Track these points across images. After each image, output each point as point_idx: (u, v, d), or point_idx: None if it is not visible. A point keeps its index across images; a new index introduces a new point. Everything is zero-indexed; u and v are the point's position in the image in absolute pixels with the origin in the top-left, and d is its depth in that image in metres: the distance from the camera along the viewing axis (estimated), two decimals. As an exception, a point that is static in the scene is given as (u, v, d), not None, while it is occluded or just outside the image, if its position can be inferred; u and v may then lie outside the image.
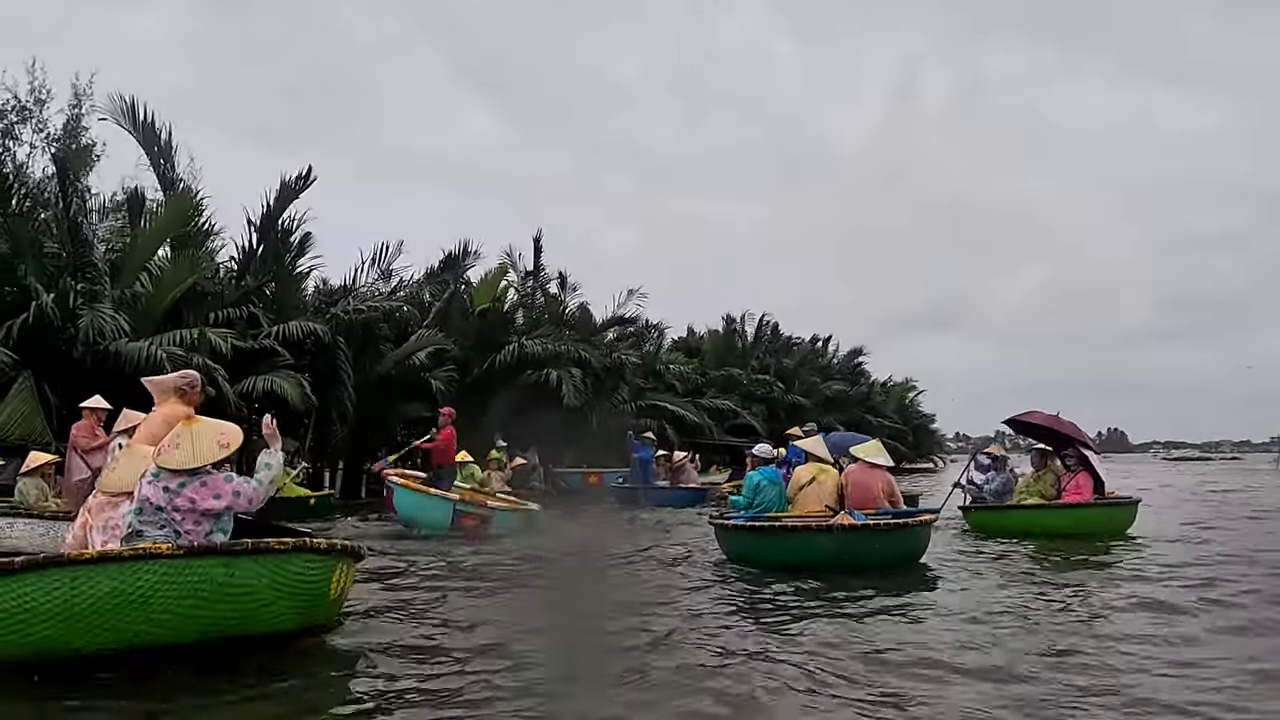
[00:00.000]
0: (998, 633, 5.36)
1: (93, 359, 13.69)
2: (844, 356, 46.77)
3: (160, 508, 4.59)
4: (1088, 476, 10.79)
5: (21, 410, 12.82)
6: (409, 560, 8.76)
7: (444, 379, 19.03)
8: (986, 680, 4.30)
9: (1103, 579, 7.68)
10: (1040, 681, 4.26)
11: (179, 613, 4.27)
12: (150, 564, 4.22)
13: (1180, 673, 4.45)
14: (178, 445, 4.72)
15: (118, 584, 4.13)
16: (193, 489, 4.64)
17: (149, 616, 4.19)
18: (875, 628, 5.57)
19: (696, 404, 28.78)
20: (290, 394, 15.31)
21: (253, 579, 4.49)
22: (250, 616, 4.50)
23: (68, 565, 4.11)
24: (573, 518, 14.17)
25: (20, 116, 20.21)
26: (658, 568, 8.60)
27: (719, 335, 37.76)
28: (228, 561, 4.44)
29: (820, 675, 4.42)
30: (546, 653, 4.98)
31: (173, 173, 18.17)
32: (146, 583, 4.19)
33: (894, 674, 4.44)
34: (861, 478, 8.74)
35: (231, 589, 4.42)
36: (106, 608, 4.10)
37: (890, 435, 45.06)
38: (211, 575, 4.37)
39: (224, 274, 18.17)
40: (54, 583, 4.03)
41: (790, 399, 35.96)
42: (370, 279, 20.94)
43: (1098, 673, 4.44)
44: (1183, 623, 5.68)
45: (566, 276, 26.38)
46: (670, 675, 4.45)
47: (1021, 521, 10.76)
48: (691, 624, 5.71)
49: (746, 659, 4.78)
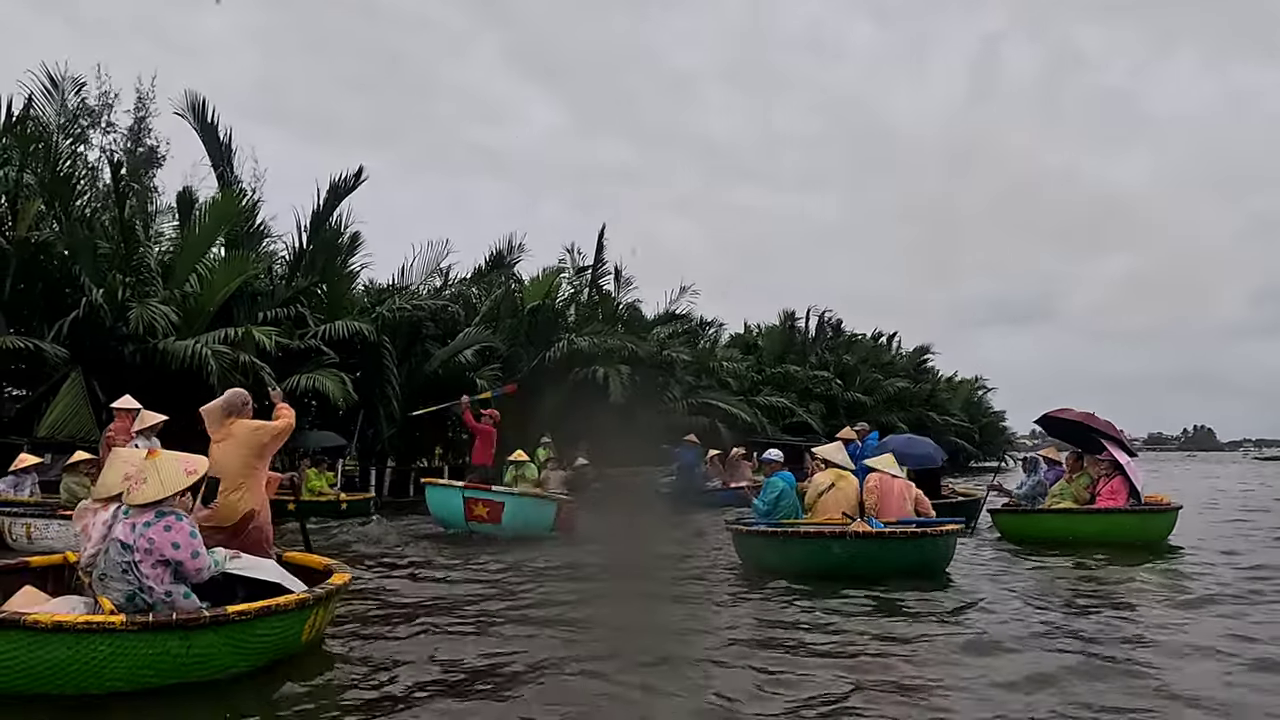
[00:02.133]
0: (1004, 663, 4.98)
1: (142, 357, 13.99)
2: (910, 353, 45.70)
3: (127, 545, 4.54)
4: (1123, 481, 10.25)
5: (72, 408, 13.15)
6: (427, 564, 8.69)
7: (489, 377, 18.98)
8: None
9: (1118, 592, 7.25)
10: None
11: (133, 679, 4.28)
12: (104, 637, 4.20)
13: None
14: (144, 480, 4.67)
15: (73, 653, 4.15)
16: (155, 530, 4.54)
17: (103, 682, 4.22)
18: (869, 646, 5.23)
19: (751, 401, 28.30)
20: (333, 391, 15.44)
21: (212, 648, 4.45)
22: (211, 675, 4.46)
23: (26, 629, 4.13)
24: (609, 521, 13.96)
25: (91, 121, 20.84)
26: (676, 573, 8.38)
27: (777, 331, 37.17)
28: (184, 635, 4.37)
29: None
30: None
31: (231, 173, 18.54)
32: (100, 654, 4.19)
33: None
34: (886, 485, 8.37)
35: (189, 658, 4.38)
36: (64, 669, 4.16)
37: (956, 434, 43.99)
38: (168, 648, 4.33)
39: (275, 274, 18.45)
40: (15, 642, 4.11)
41: (850, 396, 35.20)
42: (420, 277, 21.12)
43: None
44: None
45: (622, 271, 26.23)
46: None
47: (1051, 527, 10.39)
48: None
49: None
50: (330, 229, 18.31)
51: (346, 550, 10.09)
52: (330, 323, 16.89)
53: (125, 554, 4.51)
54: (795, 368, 33.77)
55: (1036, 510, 10.99)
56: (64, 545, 8.62)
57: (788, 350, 35.83)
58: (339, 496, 15.08)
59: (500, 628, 5.81)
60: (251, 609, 4.58)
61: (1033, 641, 5.39)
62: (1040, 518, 10.72)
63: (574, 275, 24.82)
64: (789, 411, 30.13)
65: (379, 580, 7.80)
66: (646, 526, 14.31)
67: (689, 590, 7.45)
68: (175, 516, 4.62)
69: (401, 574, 8.28)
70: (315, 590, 5.08)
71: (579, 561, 9.09)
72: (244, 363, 14.07)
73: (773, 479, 8.99)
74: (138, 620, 4.29)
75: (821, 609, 6.34)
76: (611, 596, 7.37)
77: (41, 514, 9.59)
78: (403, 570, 8.54)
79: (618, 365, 21.59)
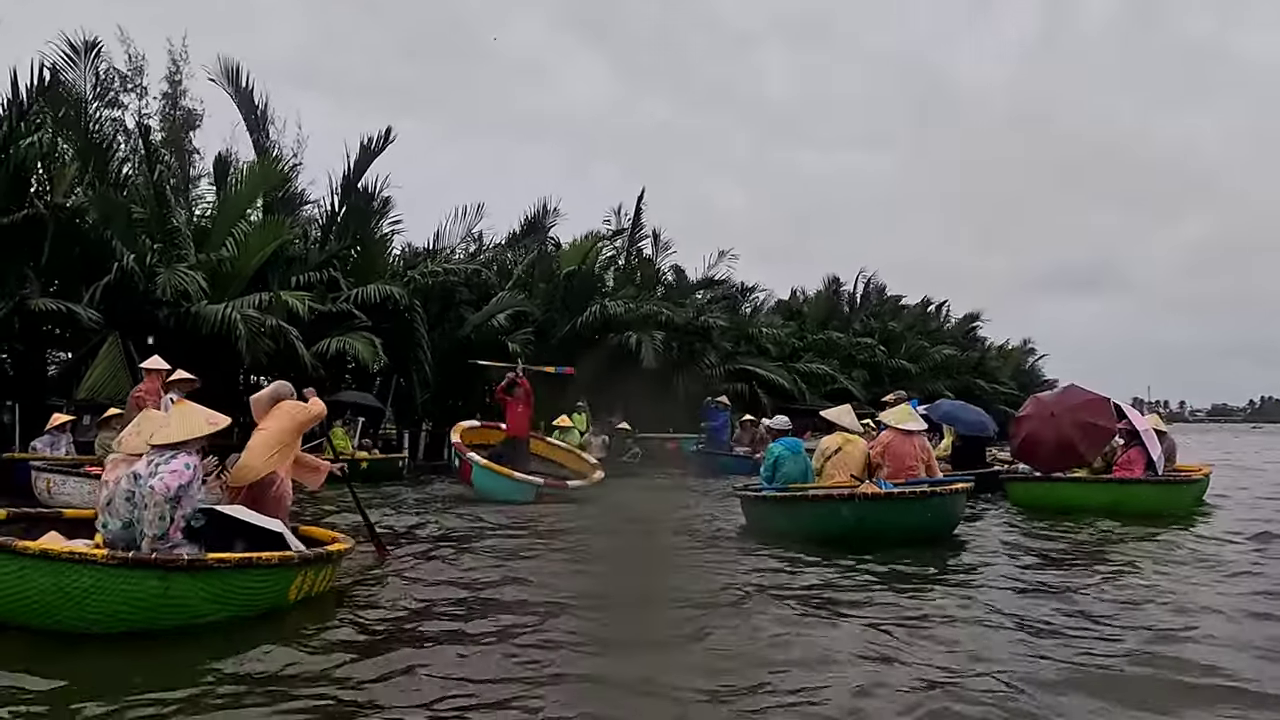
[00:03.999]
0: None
1: (175, 320, 14.22)
2: (959, 320, 44.72)
3: (139, 476, 4.76)
4: (1140, 452, 9.87)
5: (110, 370, 13.42)
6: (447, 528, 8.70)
7: (521, 342, 18.98)
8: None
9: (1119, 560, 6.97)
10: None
11: (112, 617, 4.33)
12: (86, 569, 4.27)
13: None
14: (168, 423, 4.94)
15: (55, 581, 4.23)
16: (170, 466, 4.70)
17: (83, 616, 4.28)
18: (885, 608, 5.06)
19: (790, 368, 27.96)
20: (364, 354, 15.56)
21: (190, 593, 4.51)
22: (186, 620, 4.51)
23: (13, 553, 4.22)
24: (631, 487, 13.93)
25: (123, 85, 20.96)
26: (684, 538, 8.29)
27: (822, 297, 36.63)
28: (163, 576, 4.42)
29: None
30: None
31: (266, 139, 18.66)
32: (82, 586, 4.26)
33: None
34: (897, 446, 8.20)
35: (167, 601, 4.44)
36: (46, 599, 4.23)
37: (1004, 402, 42.98)
38: (146, 587, 4.39)
39: (310, 238, 18.59)
40: (5, 566, 4.21)
41: (895, 363, 34.59)
42: (456, 242, 21.13)
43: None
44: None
45: (660, 235, 26.00)
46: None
47: (1061, 496, 10.11)
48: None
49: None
50: (362, 192, 18.37)
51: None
52: (362, 286, 16.98)
53: (135, 484, 4.76)
54: (838, 334, 33.26)
55: (1047, 479, 10.68)
56: (80, 500, 8.85)
57: (831, 316, 35.32)
58: (355, 454, 15.07)
59: (495, 587, 5.78)
60: (231, 559, 4.64)
61: (1025, 603, 5.30)
62: (1052, 486, 10.45)
63: (612, 239, 24.58)
64: (830, 378, 29.68)
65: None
66: (662, 492, 14.22)
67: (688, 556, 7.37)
68: (187, 459, 4.81)
69: (419, 539, 8.27)
70: (303, 551, 5.12)
71: (581, 526, 9.12)
72: (271, 327, 14.21)
73: (771, 446, 8.85)
74: (119, 556, 4.40)
75: (822, 571, 6.25)
76: (610, 563, 7.32)
77: (59, 469, 9.85)
78: (421, 535, 8.54)
79: (651, 331, 21.43)
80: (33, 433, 12.63)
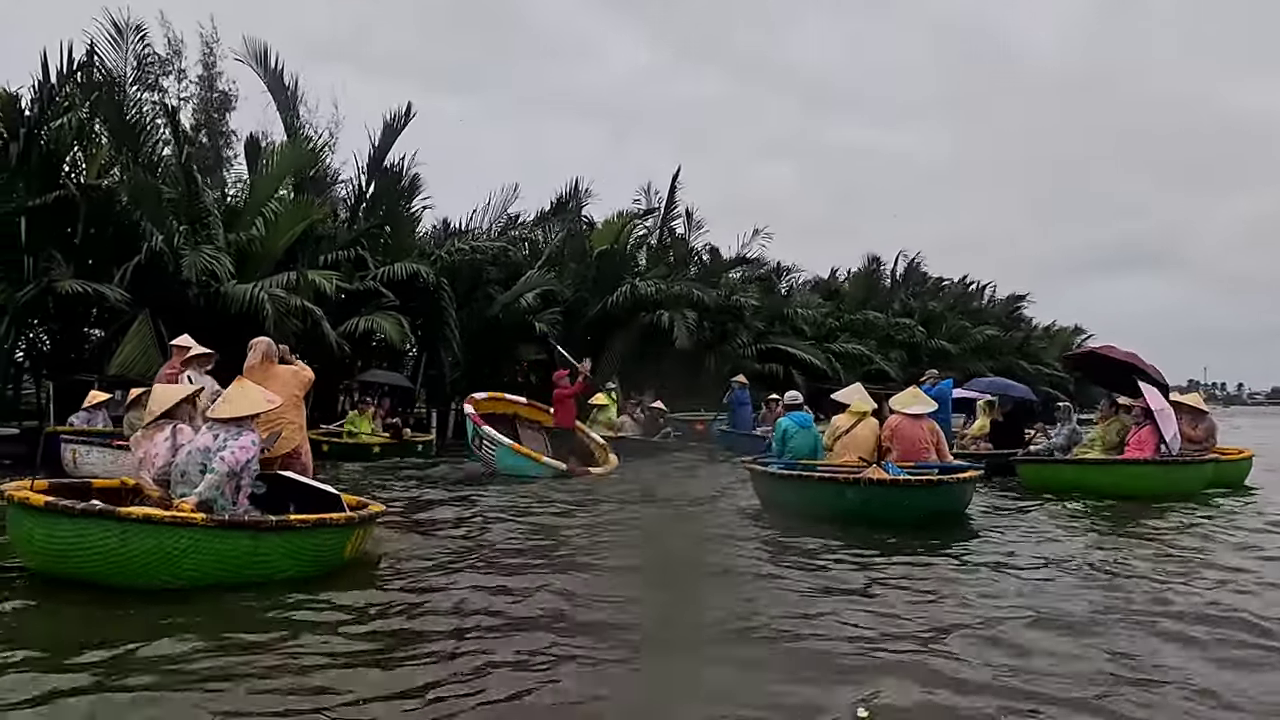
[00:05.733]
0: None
1: (205, 300, 14.38)
2: (1002, 301, 43.89)
3: (208, 450, 5.26)
4: (1152, 432, 9.53)
5: (140, 348, 13.62)
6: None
7: (549, 321, 18.94)
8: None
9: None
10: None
11: (204, 573, 4.82)
12: (186, 531, 4.75)
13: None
14: (228, 399, 5.48)
15: (156, 543, 4.69)
16: (238, 443, 5.23)
17: (179, 575, 4.75)
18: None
19: (825, 348, 27.62)
20: (390, 332, 15.62)
21: (273, 549, 5.06)
22: (268, 575, 5.03)
23: (119, 520, 4.65)
24: (653, 466, 13.87)
25: (163, 68, 21.22)
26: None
27: (861, 276, 36.13)
28: (254, 535, 4.97)
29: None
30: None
31: (296, 119, 18.76)
32: (180, 546, 4.73)
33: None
34: (907, 429, 8.05)
35: (255, 556, 4.97)
36: (147, 560, 4.67)
37: (1049, 384, 42.19)
38: (239, 546, 4.91)
39: (339, 217, 18.68)
40: (109, 531, 4.62)
41: (935, 344, 34.03)
42: (488, 221, 21.10)
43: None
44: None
45: (693, 213, 25.76)
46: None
47: (1068, 478, 9.85)
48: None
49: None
50: (389, 171, 18.39)
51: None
52: (389, 265, 17.03)
53: (206, 457, 5.21)
54: (876, 314, 32.78)
55: (1054, 460, 10.56)
56: (102, 470, 9.02)
57: (870, 296, 34.82)
58: (383, 439, 15.09)
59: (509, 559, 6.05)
60: (310, 519, 5.23)
61: (1029, 589, 5.19)
62: (1058, 468, 10.28)
63: (643, 218, 24.40)
64: (866, 359, 29.28)
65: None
66: (684, 469, 14.12)
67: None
68: (252, 435, 5.37)
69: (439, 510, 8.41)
70: (360, 512, 5.71)
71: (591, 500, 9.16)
72: (296, 306, 14.31)
73: (779, 420, 8.81)
74: (216, 519, 4.92)
75: (820, 550, 6.26)
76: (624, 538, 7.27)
77: (83, 441, 10.07)
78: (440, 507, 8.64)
79: (683, 310, 21.26)
80: (66, 409, 12.90)
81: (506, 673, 3.56)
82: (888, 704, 3.23)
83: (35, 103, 13.38)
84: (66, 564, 4.66)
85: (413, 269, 16.86)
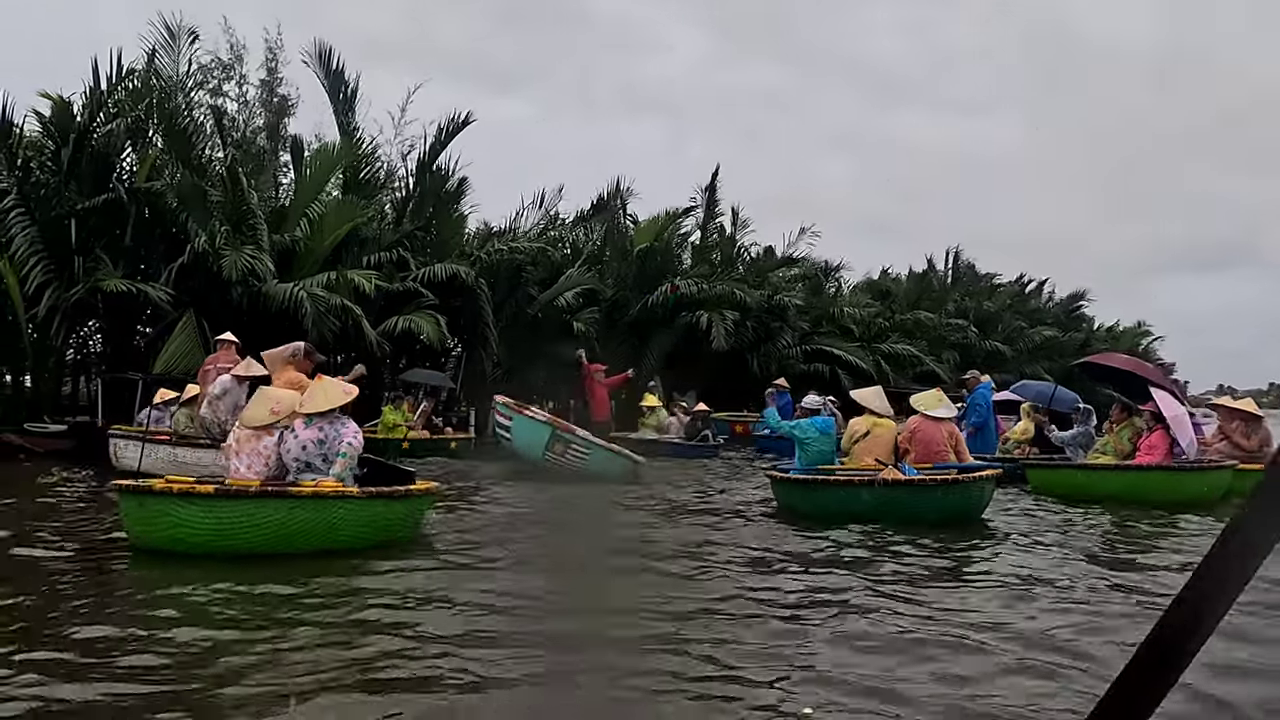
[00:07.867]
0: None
1: (248, 299, 14.72)
2: (1062, 300, 42.67)
3: (322, 440, 5.91)
4: (1162, 437, 9.28)
5: (185, 346, 14.02)
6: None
7: (587, 321, 18.96)
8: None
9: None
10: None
11: (354, 538, 5.72)
12: (342, 503, 5.68)
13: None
14: (313, 396, 6.04)
15: (320, 514, 5.57)
16: (344, 432, 5.94)
17: (335, 540, 5.62)
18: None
19: (874, 349, 27.17)
20: (428, 332, 15.79)
21: (397, 516, 6.05)
22: (389, 537, 5.95)
23: (288, 498, 5.51)
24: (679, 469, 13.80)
25: (226, 75, 21.80)
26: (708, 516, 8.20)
27: (913, 276, 35.45)
28: (388, 503, 5.94)
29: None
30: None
31: (352, 120, 19.03)
32: (337, 517, 5.65)
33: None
34: (926, 431, 8.01)
35: (388, 522, 5.95)
36: (309, 529, 5.54)
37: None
38: (379, 512, 5.89)
39: (385, 218, 18.94)
40: (278, 508, 5.46)
41: (989, 345, 33.21)
42: (530, 221, 21.20)
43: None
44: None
45: (739, 212, 25.55)
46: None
47: (1075, 483, 9.66)
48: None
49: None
50: (437, 173, 18.59)
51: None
52: (430, 266, 17.22)
53: (321, 448, 5.89)
54: (927, 314, 32.14)
55: (1062, 464, 10.40)
56: (149, 468, 9.28)
57: (922, 296, 34.14)
58: (406, 432, 15.18)
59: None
60: (420, 488, 6.29)
61: (1043, 591, 5.11)
62: (1065, 472, 10.11)
63: (684, 216, 24.21)
64: (916, 360, 28.72)
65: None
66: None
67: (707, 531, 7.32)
68: (352, 423, 6.11)
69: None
70: (434, 485, 6.63)
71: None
72: (335, 305, 14.54)
73: (800, 422, 8.75)
74: (367, 490, 5.82)
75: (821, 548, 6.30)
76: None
77: (124, 436, 10.39)
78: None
79: (722, 311, 21.10)
80: (115, 407, 13.28)
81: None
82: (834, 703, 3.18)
83: (86, 108, 13.83)
84: (235, 540, 5.35)
85: (453, 269, 17.01)
